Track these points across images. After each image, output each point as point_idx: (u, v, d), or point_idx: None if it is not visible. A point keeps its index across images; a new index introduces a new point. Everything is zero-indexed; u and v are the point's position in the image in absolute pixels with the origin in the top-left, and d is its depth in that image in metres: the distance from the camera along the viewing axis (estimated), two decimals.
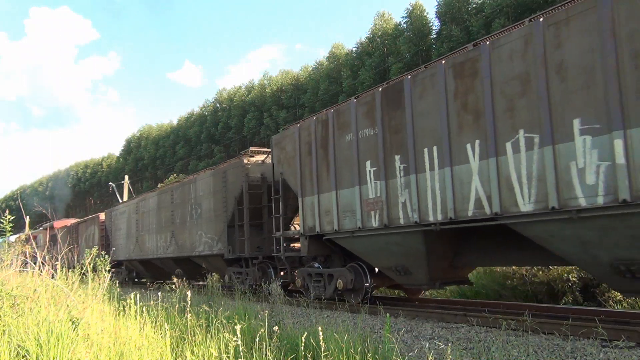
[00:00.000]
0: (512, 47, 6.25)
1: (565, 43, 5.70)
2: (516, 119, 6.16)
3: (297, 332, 5.06)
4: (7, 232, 6.43)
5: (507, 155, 6.25)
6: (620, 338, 5.20)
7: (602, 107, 5.31)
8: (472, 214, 6.67)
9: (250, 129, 45.54)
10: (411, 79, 7.62)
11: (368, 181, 8.34)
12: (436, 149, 7.17)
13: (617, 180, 5.15)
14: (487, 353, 5.24)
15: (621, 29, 5.21)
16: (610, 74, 5.26)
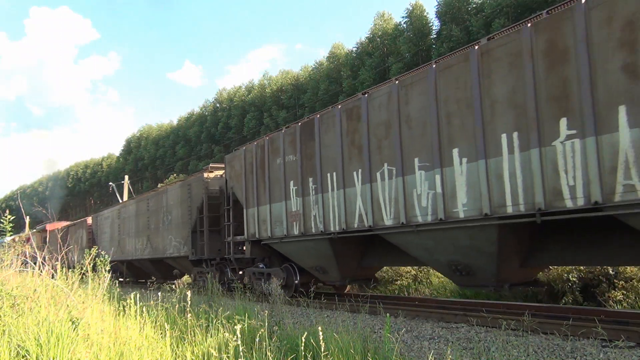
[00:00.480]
0: (380, 101, 8.19)
1: (410, 101, 7.65)
2: (382, 154, 8.11)
3: (297, 332, 5.06)
4: (7, 232, 6.43)
5: (377, 182, 8.19)
6: (620, 338, 5.21)
7: (430, 150, 7.28)
8: (357, 226, 8.60)
9: (250, 129, 45.54)
10: (319, 118, 9.58)
11: (292, 197, 10.25)
12: (335, 174, 9.11)
13: (437, 204, 7.15)
14: (487, 353, 5.24)
15: (440, 95, 7.17)
16: (434, 126, 7.23)
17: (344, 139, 8.91)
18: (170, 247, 15.50)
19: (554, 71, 5.86)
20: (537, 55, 6.01)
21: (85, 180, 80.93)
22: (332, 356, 4.18)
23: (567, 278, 9.74)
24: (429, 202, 7.27)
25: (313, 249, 9.92)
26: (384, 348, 4.34)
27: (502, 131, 6.37)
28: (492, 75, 6.50)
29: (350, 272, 9.90)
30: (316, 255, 10.00)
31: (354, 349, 4.37)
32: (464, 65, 6.85)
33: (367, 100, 8.46)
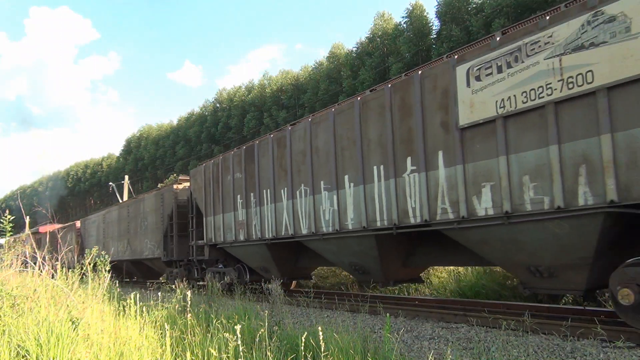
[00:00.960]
0: (299, 133, 10.12)
1: (318, 135, 9.59)
2: (300, 177, 10.03)
3: (297, 332, 5.06)
4: (7, 232, 6.43)
5: (297, 199, 10.12)
6: (620, 338, 5.21)
7: (330, 175, 9.21)
8: (284, 234, 10.49)
9: (250, 129, 45.53)
10: (258, 144, 11.58)
11: (238, 209, 12.17)
12: (269, 190, 11.00)
13: (335, 218, 9.09)
14: (487, 353, 5.24)
15: (337, 132, 9.12)
16: (333, 157, 9.16)
17: (275, 162, 10.88)
18: (147, 250, 17.31)
19: (403, 122, 7.77)
20: (394, 108, 7.94)
21: (85, 180, 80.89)
22: (332, 356, 4.18)
23: None
24: (330, 216, 9.24)
25: (256, 252, 11.84)
26: (384, 348, 4.34)
27: (374, 164, 8.30)
28: (368, 120, 8.43)
29: (288, 272, 11.83)
30: (259, 258, 11.95)
31: (354, 349, 4.37)
32: (351, 111, 8.81)
33: (290, 132, 10.45)
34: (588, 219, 5.62)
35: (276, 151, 10.82)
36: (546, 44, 5.98)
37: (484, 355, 5.13)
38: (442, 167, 7.14)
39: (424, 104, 7.40)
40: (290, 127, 10.57)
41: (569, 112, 5.73)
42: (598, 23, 5.54)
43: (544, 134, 5.92)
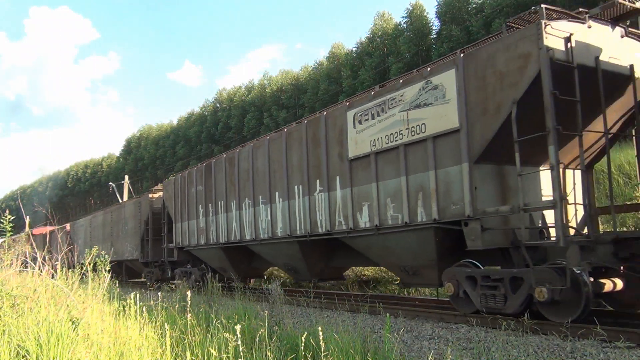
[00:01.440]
0: (245, 154, 12.11)
1: (258, 158, 11.58)
2: (246, 191, 11.99)
3: (297, 332, 5.06)
4: (7, 232, 6.43)
5: (243, 210, 12.06)
6: (620, 338, 5.22)
7: (266, 192, 11.15)
8: (233, 239, 12.42)
9: (250, 129, 45.53)
10: (215, 162, 13.54)
11: (200, 216, 14.08)
12: (222, 202, 12.93)
13: (269, 227, 11.07)
14: (487, 353, 5.24)
15: (271, 156, 11.05)
16: (267, 176, 11.13)
17: (227, 178, 12.83)
18: (127, 252, 19.13)
19: (315, 151, 9.84)
20: (308, 140, 9.99)
21: (85, 180, 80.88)
22: (332, 356, 4.18)
23: None
24: (265, 225, 11.19)
25: (215, 255, 13.61)
26: (384, 348, 4.34)
27: (295, 184, 10.28)
28: (292, 149, 10.49)
29: (242, 272, 13.58)
30: (217, 259, 13.73)
31: (354, 349, 4.37)
32: (280, 140, 10.88)
33: (238, 154, 12.40)
34: (425, 231, 7.57)
35: (228, 169, 12.84)
36: (399, 100, 8.05)
37: (484, 355, 5.13)
38: (339, 189, 9.25)
39: (328, 139, 9.52)
40: (239, 149, 12.65)
41: (413, 152, 7.81)
42: (428, 89, 7.60)
43: (398, 168, 7.99)
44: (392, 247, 8.33)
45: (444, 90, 7.33)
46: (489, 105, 6.77)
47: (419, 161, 7.64)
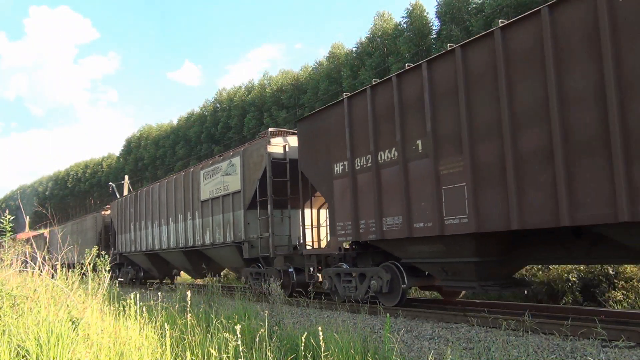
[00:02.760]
0: (155, 189, 17.51)
1: (160, 193, 17.17)
2: (155, 215, 17.45)
3: (297, 332, 5.06)
4: (7, 232, 6.43)
5: (155, 228, 17.36)
6: (620, 338, 5.21)
7: (165, 216, 16.91)
8: (151, 248, 17.57)
9: (250, 129, 45.50)
10: (140, 193, 19.01)
11: (132, 231, 19.65)
12: (144, 221, 18.31)
13: (168, 240, 16.65)
14: (487, 353, 5.24)
15: (168, 194, 16.69)
16: (165, 206, 16.90)
17: (146, 205, 18.34)
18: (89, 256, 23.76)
19: (187, 194, 15.40)
20: (185, 186, 15.41)
21: (85, 180, 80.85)
22: (332, 356, 4.18)
23: (567, 278, 9.74)
24: (166, 239, 16.54)
25: (143, 259, 19.09)
26: (384, 348, 4.34)
27: (179, 213, 15.65)
28: (178, 190, 15.75)
29: (163, 272, 18.92)
30: (145, 262, 19.32)
31: (354, 349, 4.37)
32: (171, 182, 16.18)
33: (152, 188, 17.99)
34: (232, 247, 12.82)
35: (146, 198, 18.32)
36: (220, 169, 13.42)
37: (484, 355, 5.12)
38: (197, 219, 14.59)
39: (192, 187, 14.91)
40: (152, 185, 18.25)
41: (225, 201, 13.10)
42: (230, 165, 12.87)
43: (220, 209, 13.22)
44: (222, 255, 13.83)
45: (236, 168, 12.69)
46: (251, 179, 12.09)
47: (227, 206, 12.99)
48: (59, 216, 53.96)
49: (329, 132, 9.62)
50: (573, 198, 5.73)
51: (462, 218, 6.99)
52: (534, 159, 6.16)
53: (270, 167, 11.28)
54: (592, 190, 5.56)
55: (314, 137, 10.15)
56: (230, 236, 12.59)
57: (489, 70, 6.71)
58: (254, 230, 11.90)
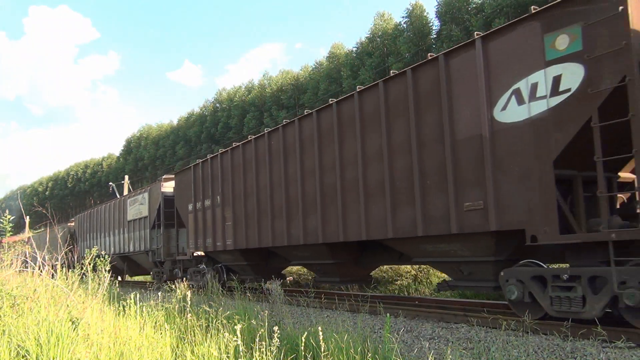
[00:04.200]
0: (104, 207, 22.86)
1: (107, 212, 22.31)
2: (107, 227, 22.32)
3: (297, 332, 5.06)
4: (7, 232, 6.43)
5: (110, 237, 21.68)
6: (620, 338, 5.21)
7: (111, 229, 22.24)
8: (118, 252, 20.47)
9: (250, 129, 45.51)
10: (91, 212, 24.65)
11: (88, 240, 24.24)
12: (97, 233, 23.12)
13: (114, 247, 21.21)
14: (487, 353, 5.24)
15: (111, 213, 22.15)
16: (109, 223, 22.51)
17: (98, 220, 22.94)
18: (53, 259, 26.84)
19: (119, 214, 21.02)
20: (119, 208, 20.85)
21: (85, 180, 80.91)
22: (332, 356, 4.18)
23: None
24: (113, 246, 20.63)
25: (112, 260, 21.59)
26: (384, 348, 4.34)
27: (118, 228, 20.58)
28: (115, 210, 21.19)
29: (135, 272, 21.55)
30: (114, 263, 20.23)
31: (354, 349, 4.36)
32: (110, 205, 21.99)
33: (104, 207, 22.45)
34: (145, 254, 17.98)
35: (97, 215, 23.25)
36: (138, 198, 18.40)
37: (484, 355, 5.12)
38: (125, 233, 19.34)
39: (122, 210, 19.92)
40: (100, 207, 23.28)
41: (141, 222, 18.20)
42: (143, 197, 18.05)
43: (139, 227, 18.23)
44: (140, 259, 18.71)
45: (145, 200, 17.62)
46: (153, 209, 17.06)
47: (141, 226, 17.99)
48: (59, 216, 53.98)
49: (187, 184, 15.12)
50: (368, 221, 8.49)
51: (228, 241, 12.75)
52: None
53: (163, 202, 16.67)
54: (374, 216, 8.43)
55: (182, 185, 15.61)
56: (144, 246, 17.89)
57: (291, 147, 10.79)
58: (155, 243, 17.28)
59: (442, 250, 7.51)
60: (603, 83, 5.41)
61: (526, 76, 6.12)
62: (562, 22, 5.79)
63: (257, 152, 11.48)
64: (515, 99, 6.24)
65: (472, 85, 6.70)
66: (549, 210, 5.87)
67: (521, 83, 6.17)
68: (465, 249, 7.14)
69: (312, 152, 9.69)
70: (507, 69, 6.34)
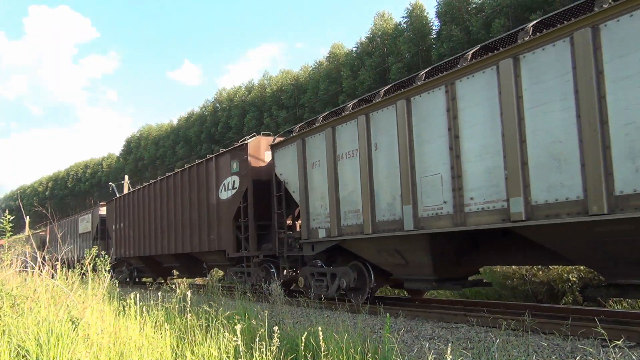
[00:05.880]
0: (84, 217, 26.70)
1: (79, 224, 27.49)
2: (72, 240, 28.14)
3: (297, 332, 5.06)
4: (7, 232, 6.43)
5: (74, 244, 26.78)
6: (620, 338, 5.21)
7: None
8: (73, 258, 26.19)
9: (250, 129, 45.46)
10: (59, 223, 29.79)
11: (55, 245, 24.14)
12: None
13: None
14: (487, 353, 5.24)
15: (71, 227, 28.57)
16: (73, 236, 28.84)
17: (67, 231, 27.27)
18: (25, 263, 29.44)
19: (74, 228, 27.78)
20: (75, 226, 27.44)
21: (85, 180, 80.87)
22: (332, 356, 4.18)
23: (567, 278, 9.74)
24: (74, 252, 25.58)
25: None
26: (384, 348, 4.34)
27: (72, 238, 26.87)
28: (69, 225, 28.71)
29: None
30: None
31: (354, 349, 4.36)
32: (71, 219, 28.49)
33: (63, 222, 29.13)
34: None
35: (59, 228, 25.98)
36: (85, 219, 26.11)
37: (484, 355, 5.12)
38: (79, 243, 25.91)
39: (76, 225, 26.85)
40: (63, 221, 27.66)
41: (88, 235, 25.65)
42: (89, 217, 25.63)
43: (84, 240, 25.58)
44: None
45: (90, 219, 24.78)
46: (94, 226, 23.93)
47: (88, 238, 24.50)
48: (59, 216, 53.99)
49: (111, 211, 21.96)
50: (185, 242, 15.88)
51: (131, 251, 19.85)
52: None
53: (100, 221, 23.36)
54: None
55: (110, 211, 22.23)
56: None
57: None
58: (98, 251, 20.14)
59: (211, 259, 14.57)
60: (243, 186, 12.37)
61: (226, 178, 13.06)
62: (234, 157, 12.77)
63: (144, 195, 18.73)
64: (223, 188, 13.09)
65: (211, 180, 13.77)
66: (231, 240, 12.84)
67: (225, 181, 13.05)
68: (219, 258, 14.04)
69: (159, 202, 17.39)
70: (222, 174, 13.28)
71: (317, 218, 9.85)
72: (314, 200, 9.92)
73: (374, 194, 8.44)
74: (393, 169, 8.04)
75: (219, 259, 13.92)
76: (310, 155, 10.05)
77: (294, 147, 10.56)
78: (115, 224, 21.21)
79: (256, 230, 12.09)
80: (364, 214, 8.59)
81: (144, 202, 18.49)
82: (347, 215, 9.03)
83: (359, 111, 8.80)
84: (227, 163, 12.86)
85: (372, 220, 8.41)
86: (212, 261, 14.54)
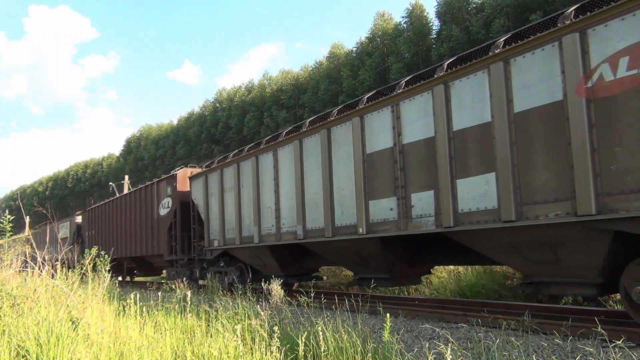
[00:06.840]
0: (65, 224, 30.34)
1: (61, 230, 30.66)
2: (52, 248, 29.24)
3: (297, 332, 5.06)
4: (7, 232, 6.42)
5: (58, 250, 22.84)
6: (620, 338, 5.21)
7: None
8: None
9: (250, 129, 45.45)
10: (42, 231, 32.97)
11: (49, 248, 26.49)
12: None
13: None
14: (487, 353, 5.24)
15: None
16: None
17: (42, 238, 28.50)
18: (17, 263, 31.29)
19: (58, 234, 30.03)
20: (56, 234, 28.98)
21: (85, 180, 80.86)
22: (332, 356, 4.18)
23: None
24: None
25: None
26: (384, 348, 4.34)
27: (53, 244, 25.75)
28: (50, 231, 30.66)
29: None
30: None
31: (354, 349, 4.36)
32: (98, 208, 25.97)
33: (48, 227, 28.61)
34: None
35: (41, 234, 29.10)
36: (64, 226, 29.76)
37: (484, 355, 5.12)
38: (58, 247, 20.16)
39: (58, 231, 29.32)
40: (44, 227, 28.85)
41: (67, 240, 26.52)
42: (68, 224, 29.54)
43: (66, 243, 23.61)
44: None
45: (68, 227, 27.95)
46: (72, 232, 27.16)
47: (66, 242, 23.34)
48: (59, 216, 54.00)
49: (85, 219, 25.02)
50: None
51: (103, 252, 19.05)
52: None
53: (76, 228, 26.77)
54: None
55: (84, 219, 25.80)
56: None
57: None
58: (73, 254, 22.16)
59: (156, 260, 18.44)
60: (174, 206, 15.82)
61: (163, 199, 16.31)
62: (168, 183, 16.27)
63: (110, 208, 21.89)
64: (162, 207, 16.18)
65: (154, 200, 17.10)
66: (167, 246, 15.98)
67: (163, 201, 16.22)
68: (160, 261, 17.44)
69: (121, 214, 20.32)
70: (161, 195, 16.64)
71: (213, 232, 13.79)
72: (212, 219, 13.85)
73: (241, 217, 12.29)
74: (250, 201, 11.85)
75: (160, 261, 17.71)
76: (210, 187, 13.98)
77: (202, 180, 14.51)
78: (88, 231, 25.27)
79: (182, 239, 15.91)
80: (235, 230, 12.50)
81: (109, 214, 22.12)
82: (228, 231, 13.00)
83: (233, 160, 12.89)
84: (164, 187, 16.81)
85: (239, 235, 12.35)
86: (157, 262, 18.52)
